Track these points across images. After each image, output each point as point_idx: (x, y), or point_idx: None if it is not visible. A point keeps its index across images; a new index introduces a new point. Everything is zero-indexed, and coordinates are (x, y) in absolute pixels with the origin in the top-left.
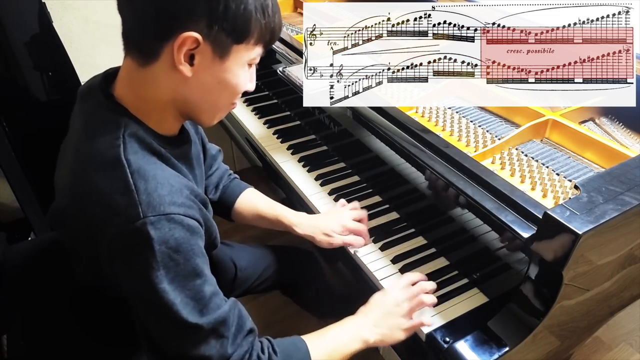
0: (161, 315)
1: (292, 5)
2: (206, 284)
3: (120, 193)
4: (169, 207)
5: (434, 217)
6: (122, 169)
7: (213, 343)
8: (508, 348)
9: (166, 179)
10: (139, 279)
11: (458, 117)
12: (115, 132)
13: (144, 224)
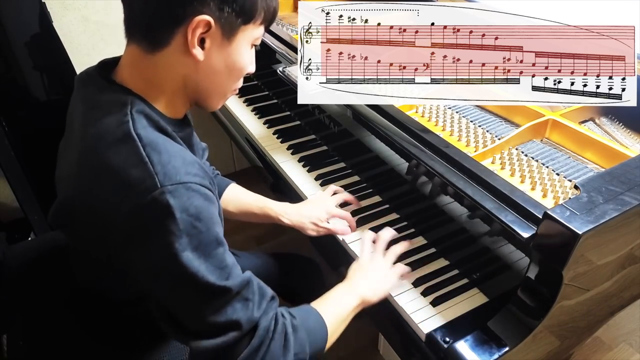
0: (186, 286)
1: (292, 5)
2: (227, 253)
3: (134, 166)
4: (185, 176)
5: (434, 217)
6: (134, 143)
7: (239, 307)
8: (508, 348)
9: (177, 152)
10: (161, 250)
11: (458, 117)
12: (123, 110)
13: (162, 193)
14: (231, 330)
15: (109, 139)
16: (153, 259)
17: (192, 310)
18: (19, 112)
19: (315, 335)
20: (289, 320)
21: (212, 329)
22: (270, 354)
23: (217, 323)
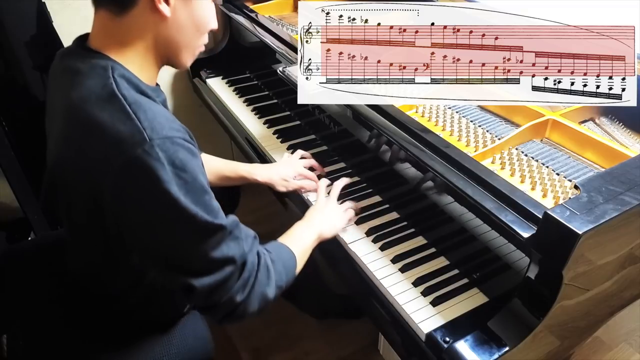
0: (185, 227)
1: (292, 5)
2: (213, 200)
3: (122, 122)
4: (170, 131)
5: (434, 217)
6: (120, 102)
7: (233, 245)
8: (508, 348)
9: (159, 110)
10: (157, 198)
11: (458, 117)
12: (105, 74)
13: (151, 147)
14: (227, 265)
15: (94, 99)
16: (150, 208)
17: (191, 251)
18: (19, 112)
19: (288, 266)
20: (268, 256)
21: (211, 265)
22: (258, 283)
23: (214, 259)
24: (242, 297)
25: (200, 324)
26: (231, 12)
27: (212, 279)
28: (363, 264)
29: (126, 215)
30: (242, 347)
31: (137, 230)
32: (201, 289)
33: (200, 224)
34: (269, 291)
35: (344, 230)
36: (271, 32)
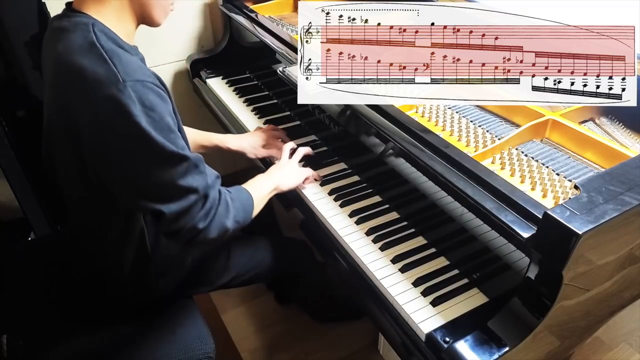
0: (152, 154)
1: (292, 5)
2: (179, 139)
3: (100, 66)
4: (142, 76)
5: (434, 217)
6: (98, 50)
7: (198, 177)
8: (508, 348)
9: (134, 60)
10: (128, 129)
11: (458, 117)
12: (86, 29)
13: (124, 86)
14: (191, 194)
15: (76, 48)
16: (123, 139)
17: (161, 178)
18: (19, 112)
19: (246, 206)
20: (228, 195)
21: (177, 192)
22: (218, 214)
23: (181, 187)
24: (204, 224)
25: (201, 324)
26: (231, 12)
27: (179, 205)
28: (363, 264)
29: (103, 147)
30: (242, 347)
31: (112, 161)
32: (169, 214)
33: (167, 153)
34: (228, 223)
35: (343, 230)
36: (271, 32)
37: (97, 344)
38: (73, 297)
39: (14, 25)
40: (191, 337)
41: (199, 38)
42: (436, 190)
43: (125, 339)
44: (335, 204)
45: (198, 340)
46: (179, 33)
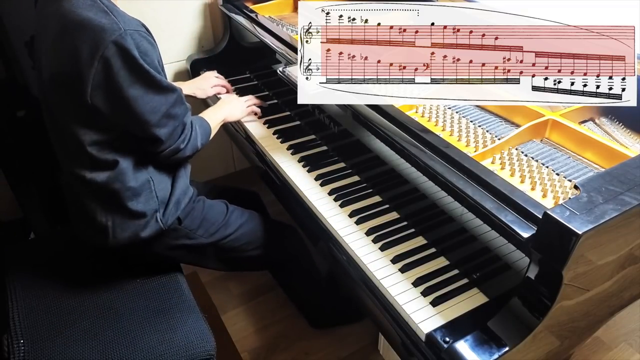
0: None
1: (292, 5)
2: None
3: (103, 17)
4: (136, 27)
5: (433, 217)
6: (99, 4)
7: (182, 107)
8: (508, 348)
9: (131, 18)
10: (133, 66)
11: (458, 117)
12: None
13: (126, 34)
14: (177, 121)
15: (81, 5)
16: (129, 75)
17: (157, 108)
18: (18, 112)
19: (206, 132)
20: (196, 122)
21: (168, 119)
22: (192, 138)
23: (170, 114)
24: (183, 145)
25: (202, 323)
26: (231, 12)
27: (169, 130)
28: (363, 264)
29: (109, 82)
30: (242, 347)
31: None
32: (163, 137)
33: (162, 86)
34: (198, 144)
35: (344, 230)
36: (271, 32)
37: (98, 343)
38: (73, 296)
39: (14, 25)
40: (192, 335)
41: (199, 38)
42: (436, 190)
43: (126, 337)
44: (335, 204)
45: (199, 338)
46: (179, 33)
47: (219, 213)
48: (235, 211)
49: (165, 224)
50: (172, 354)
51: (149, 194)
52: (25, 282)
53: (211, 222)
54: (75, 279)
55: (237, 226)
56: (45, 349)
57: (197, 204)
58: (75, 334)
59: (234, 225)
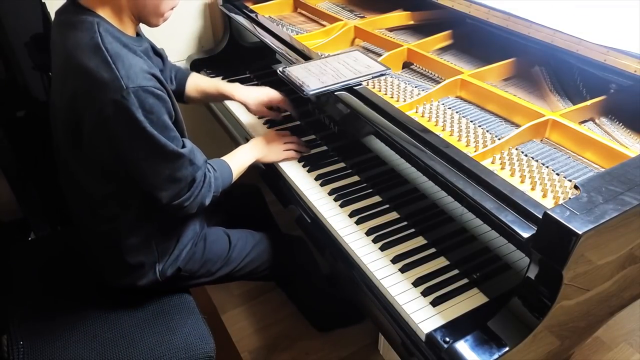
0: (155, 152)
1: (292, 5)
2: (174, 132)
3: (105, 70)
4: (143, 81)
5: (433, 217)
6: (103, 53)
7: (189, 168)
8: (508, 348)
9: (136, 63)
10: (135, 129)
11: (458, 117)
12: (92, 29)
13: (128, 93)
14: (182, 183)
15: (84, 48)
16: (130, 137)
17: (160, 172)
18: (18, 112)
19: (225, 181)
20: (213, 173)
21: (172, 182)
22: (200, 195)
23: (174, 178)
24: (188, 203)
25: (201, 325)
26: (231, 12)
27: (172, 192)
28: (363, 264)
29: (110, 141)
30: (242, 347)
31: (115, 154)
32: (164, 200)
33: (167, 151)
34: (207, 200)
35: (343, 230)
36: (271, 32)
37: (97, 344)
38: (73, 296)
39: (14, 26)
40: (192, 336)
41: (199, 38)
42: (436, 190)
43: (125, 338)
44: (335, 204)
45: (198, 340)
46: (179, 33)
47: (222, 250)
48: (238, 243)
49: (163, 276)
50: (171, 355)
51: (148, 248)
52: (25, 283)
53: (213, 262)
54: (75, 280)
55: (240, 259)
56: (45, 349)
57: (197, 248)
58: (74, 335)
59: (238, 259)
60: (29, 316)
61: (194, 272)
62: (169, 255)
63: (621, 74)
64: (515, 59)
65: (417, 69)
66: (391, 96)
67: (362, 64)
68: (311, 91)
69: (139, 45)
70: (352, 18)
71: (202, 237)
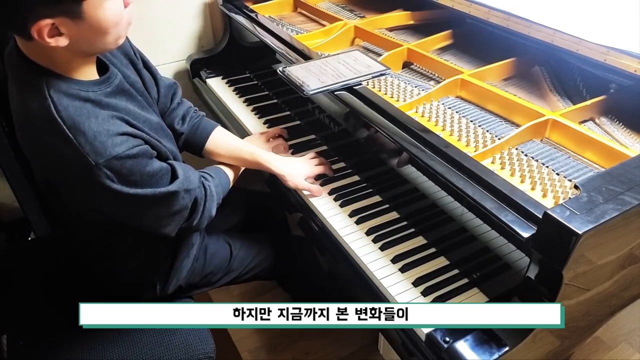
0: (143, 205)
1: (292, 5)
2: (163, 171)
3: (66, 148)
4: (113, 150)
5: (433, 217)
6: (59, 126)
7: (186, 196)
8: (508, 348)
9: (101, 125)
10: (113, 198)
11: (458, 117)
12: (41, 92)
13: (99, 169)
14: (184, 211)
15: (37, 124)
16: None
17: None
18: None
19: (225, 188)
20: (212, 183)
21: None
22: (206, 209)
23: (174, 212)
24: (197, 221)
25: None
26: (231, 12)
27: (176, 224)
28: (363, 263)
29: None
30: (242, 347)
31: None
32: (172, 231)
33: (157, 198)
34: (213, 211)
35: (343, 230)
36: (271, 32)
37: (97, 344)
38: (73, 296)
39: None
40: (191, 336)
41: (199, 38)
42: (436, 190)
43: (125, 338)
44: (335, 203)
45: (198, 340)
46: (179, 33)
47: (223, 261)
48: (240, 252)
49: (164, 293)
50: (171, 355)
51: (147, 271)
52: (25, 283)
53: (214, 273)
54: (75, 280)
55: (242, 267)
56: (45, 349)
57: (198, 263)
58: (74, 335)
59: (239, 268)
60: (29, 316)
61: (195, 284)
62: (168, 275)
63: (621, 73)
64: (515, 59)
65: (417, 69)
66: (391, 96)
67: (362, 63)
68: (311, 91)
69: (106, 86)
70: (352, 18)
71: (203, 249)
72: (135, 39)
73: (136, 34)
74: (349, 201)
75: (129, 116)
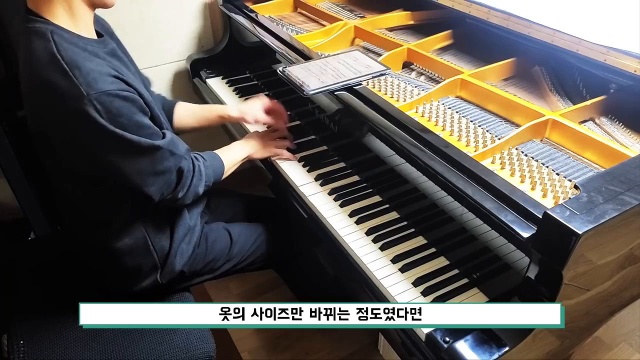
0: (128, 151)
1: (292, 5)
2: (151, 129)
3: (62, 79)
4: (104, 85)
5: (433, 217)
6: (59, 62)
7: (171, 159)
8: (508, 348)
9: (95, 66)
10: (100, 134)
11: (458, 117)
12: (45, 37)
13: (89, 100)
14: (168, 174)
15: (38, 60)
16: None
17: (142, 168)
18: (19, 112)
19: (217, 172)
20: (202, 162)
21: (156, 176)
22: (193, 184)
23: (158, 171)
24: (182, 194)
25: None
26: (231, 12)
27: (159, 186)
28: (363, 263)
29: (83, 150)
30: (242, 347)
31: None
32: (153, 194)
33: (143, 147)
34: (200, 189)
35: (343, 230)
36: (271, 32)
37: (97, 344)
38: (73, 296)
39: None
40: (192, 336)
41: (199, 38)
42: (436, 190)
43: (125, 338)
44: (335, 203)
45: (199, 340)
46: (179, 33)
47: (224, 247)
48: (240, 239)
49: (165, 280)
50: (171, 355)
51: (145, 250)
52: (25, 282)
53: (216, 260)
54: (75, 279)
55: (242, 254)
56: (45, 349)
57: (200, 249)
58: (74, 335)
59: (240, 255)
60: (29, 316)
61: (197, 272)
62: (167, 256)
63: (621, 73)
64: (515, 59)
65: (417, 69)
66: (391, 96)
67: (362, 63)
68: (311, 91)
69: (102, 46)
70: (352, 18)
71: (204, 237)
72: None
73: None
74: (349, 201)
75: (122, 75)
